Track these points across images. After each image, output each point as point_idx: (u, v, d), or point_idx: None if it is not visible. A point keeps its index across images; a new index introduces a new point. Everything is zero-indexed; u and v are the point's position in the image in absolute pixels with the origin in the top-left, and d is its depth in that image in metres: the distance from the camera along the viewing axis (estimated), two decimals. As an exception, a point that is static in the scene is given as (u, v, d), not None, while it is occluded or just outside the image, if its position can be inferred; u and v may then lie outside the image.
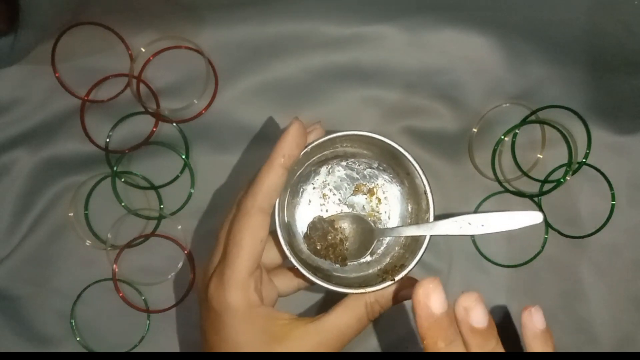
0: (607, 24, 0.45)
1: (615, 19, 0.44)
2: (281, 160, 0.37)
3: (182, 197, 0.50)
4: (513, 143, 0.49)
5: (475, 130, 0.49)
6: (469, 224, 0.38)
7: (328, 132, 0.40)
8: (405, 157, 0.39)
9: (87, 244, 0.49)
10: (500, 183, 0.49)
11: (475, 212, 0.49)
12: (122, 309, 0.49)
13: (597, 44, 0.46)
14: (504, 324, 0.49)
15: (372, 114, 0.49)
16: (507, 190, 0.49)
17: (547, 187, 0.49)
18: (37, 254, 0.49)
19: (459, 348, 0.32)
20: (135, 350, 0.49)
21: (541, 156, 0.49)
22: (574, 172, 0.48)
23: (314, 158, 0.42)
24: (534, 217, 0.38)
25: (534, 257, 0.49)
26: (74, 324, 0.49)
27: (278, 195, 0.38)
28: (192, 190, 0.50)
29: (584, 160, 0.48)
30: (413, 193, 0.42)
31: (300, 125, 0.37)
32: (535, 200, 0.49)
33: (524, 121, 0.49)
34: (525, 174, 0.49)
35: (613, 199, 0.49)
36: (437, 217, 0.39)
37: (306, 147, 0.39)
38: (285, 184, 0.38)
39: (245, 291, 0.36)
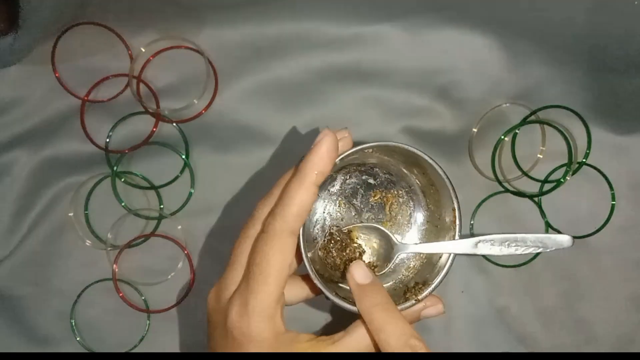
0: (607, 24, 0.45)
1: (615, 19, 0.44)
2: (314, 176, 0.34)
3: (182, 197, 0.50)
4: (513, 143, 0.49)
5: (475, 130, 0.49)
6: (496, 244, 0.37)
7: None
8: (436, 170, 0.37)
9: (87, 244, 0.49)
10: (500, 183, 0.49)
11: (475, 212, 0.49)
12: (122, 309, 0.49)
13: (597, 44, 0.46)
14: (504, 324, 0.49)
15: (372, 114, 0.49)
16: (507, 190, 0.49)
17: (547, 187, 0.49)
18: (37, 254, 0.49)
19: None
20: (135, 350, 0.49)
21: (541, 156, 0.49)
22: (574, 172, 0.48)
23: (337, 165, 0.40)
24: (564, 240, 0.38)
25: (534, 257, 0.49)
26: (74, 324, 0.49)
27: (308, 215, 0.35)
28: (192, 190, 0.50)
29: (584, 160, 0.48)
30: (434, 204, 0.41)
31: (333, 137, 0.34)
32: (535, 200, 0.49)
33: (524, 121, 0.49)
34: (525, 174, 0.49)
35: (613, 199, 0.49)
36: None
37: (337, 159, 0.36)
38: None
39: (272, 321, 0.34)
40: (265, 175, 0.49)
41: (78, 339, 0.49)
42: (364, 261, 0.40)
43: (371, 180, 0.42)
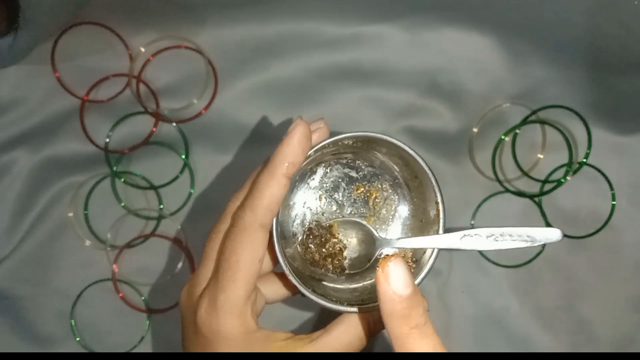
0: (607, 24, 0.44)
1: (615, 19, 0.44)
2: (284, 168, 0.32)
3: (181, 197, 0.50)
4: (513, 143, 0.49)
5: (475, 130, 0.49)
6: (482, 237, 0.34)
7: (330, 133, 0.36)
8: (417, 162, 0.36)
9: (87, 244, 0.49)
10: (500, 183, 0.49)
11: (475, 212, 0.49)
12: (122, 309, 0.49)
13: (597, 44, 0.46)
14: (504, 324, 0.49)
15: (372, 114, 0.49)
16: (507, 190, 0.49)
17: (547, 187, 0.49)
18: (37, 254, 0.49)
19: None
20: (135, 350, 0.49)
21: (541, 156, 0.49)
22: (575, 172, 0.48)
23: (312, 157, 0.38)
24: (553, 234, 0.34)
25: (535, 257, 0.49)
26: (74, 324, 0.49)
27: (279, 208, 0.33)
28: (192, 190, 0.50)
29: (584, 160, 0.48)
30: (418, 197, 0.39)
31: (306, 127, 0.33)
32: (535, 200, 0.49)
33: (525, 121, 0.49)
34: (525, 174, 0.49)
35: (613, 199, 0.49)
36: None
37: (310, 150, 0.34)
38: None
39: (242, 318, 0.32)
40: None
41: (78, 339, 0.49)
42: (345, 258, 0.38)
43: (353, 174, 0.40)
